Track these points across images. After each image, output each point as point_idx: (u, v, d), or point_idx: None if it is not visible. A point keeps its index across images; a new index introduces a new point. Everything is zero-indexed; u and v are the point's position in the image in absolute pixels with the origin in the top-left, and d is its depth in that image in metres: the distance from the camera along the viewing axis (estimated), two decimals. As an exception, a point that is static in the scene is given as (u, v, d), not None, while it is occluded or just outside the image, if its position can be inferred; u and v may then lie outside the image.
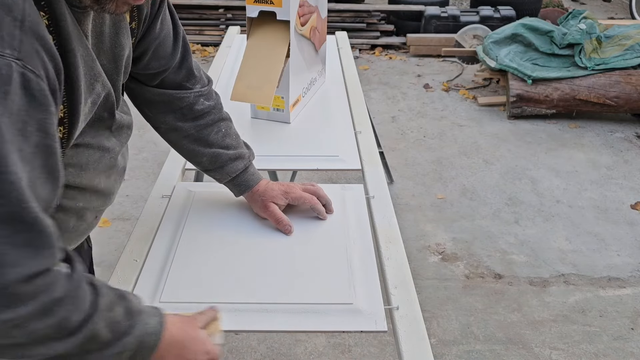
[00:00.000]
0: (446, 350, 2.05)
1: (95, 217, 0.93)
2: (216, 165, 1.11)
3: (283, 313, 0.94)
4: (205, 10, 5.15)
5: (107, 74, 0.84)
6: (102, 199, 0.91)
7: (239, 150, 1.12)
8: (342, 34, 2.31)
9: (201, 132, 1.09)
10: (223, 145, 1.10)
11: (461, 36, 4.76)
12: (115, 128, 0.88)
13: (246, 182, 1.13)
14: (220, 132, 1.10)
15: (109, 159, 0.88)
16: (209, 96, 1.10)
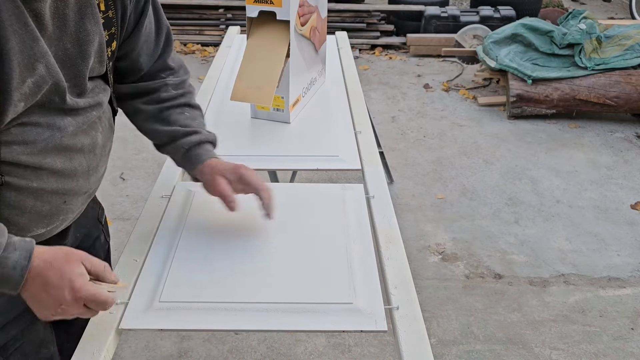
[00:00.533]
0: (446, 350, 2.05)
1: (63, 201, 0.91)
2: (172, 139, 1.09)
3: (283, 313, 0.94)
4: (205, 10, 5.15)
5: (69, 56, 0.85)
6: (62, 180, 0.89)
7: (197, 129, 1.09)
8: (342, 34, 2.31)
9: (164, 112, 1.09)
10: (183, 124, 1.09)
11: (461, 36, 4.76)
12: (70, 109, 0.87)
13: (198, 155, 1.08)
14: (183, 114, 1.10)
15: (61, 138, 0.86)
16: (179, 86, 1.12)
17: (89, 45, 0.87)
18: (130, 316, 0.93)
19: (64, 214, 0.94)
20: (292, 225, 1.16)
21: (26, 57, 0.76)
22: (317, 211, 1.20)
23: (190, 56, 4.91)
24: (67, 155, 0.88)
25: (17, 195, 0.84)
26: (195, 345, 2.05)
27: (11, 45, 0.74)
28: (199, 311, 0.94)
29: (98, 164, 0.97)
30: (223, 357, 2.01)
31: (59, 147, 0.86)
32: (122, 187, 2.99)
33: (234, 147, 1.44)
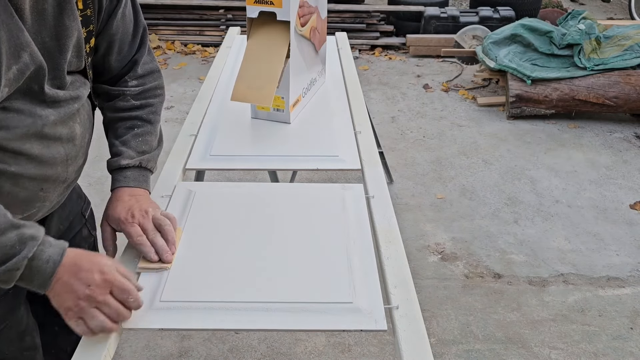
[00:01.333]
0: (446, 349, 2.05)
1: (40, 189, 0.94)
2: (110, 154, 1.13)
3: (283, 312, 0.94)
4: (205, 11, 5.15)
5: (47, 50, 0.89)
6: (40, 167, 0.92)
7: (124, 151, 1.09)
8: (341, 35, 2.31)
9: (115, 123, 1.12)
10: (122, 141, 1.11)
11: (461, 37, 4.77)
12: (51, 101, 0.91)
13: (113, 180, 1.11)
14: (131, 130, 1.11)
15: (41, 125, 0.90)
16: (139, 96, 1.12)
17: (67, 39, 0.91)
18: (132, 316, 0.93)
19: (41, 201, 0.97)
20: (292, 225, 1.16)
21: (13, 45, 0.80)
22: (317, 211, 1.21)
23: (190, 56, 4.91)
24: (46, 143, 0.92)
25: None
26: (195, 345, 2.05)
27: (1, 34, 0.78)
28: (199, 311, 0.94)
29: (77, 154, 1.01)
30: (223, 356, 2.02)
31: (39, 134, 0.90)
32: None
33: (234, 147, 1.44)
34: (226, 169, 1.40)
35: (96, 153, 3.29)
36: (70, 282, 0.84)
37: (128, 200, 1.06)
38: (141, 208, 1.04)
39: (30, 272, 0.83)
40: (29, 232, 0.83)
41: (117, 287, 0.87)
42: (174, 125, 3.65)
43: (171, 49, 5.00)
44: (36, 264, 0.83)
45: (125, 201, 1.06)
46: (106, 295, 0.86)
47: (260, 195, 1.26)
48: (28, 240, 0.82)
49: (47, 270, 0.83)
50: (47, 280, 0.84)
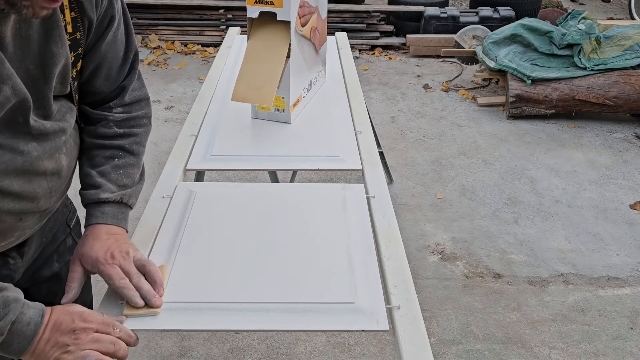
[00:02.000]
0: (446, 349, 2.05)
1: (19, 219, 0.89)
2: (83, 185, 1.03)
3: (284, 313, 0.94)
4: (205, 11, 5.15)
5: (32, 78, 0.83)
6: (19, 202, 0.86)
7: (103, 185, 1.00)
8: (342, 35, 2.32)
9: (93, 150, 1.03)
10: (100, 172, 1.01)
11: (461, 37, 4.77)
12: (37, 133, 0.85)
13: (88, 215, 1.00)
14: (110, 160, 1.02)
15: (22, 162, 0.83)
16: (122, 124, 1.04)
17: (52, 67, 0.85)
18: (132, 316, 0.93)
19: (20, 230, 0.92)
20: (293, 225, 1.16)
21: None
22: (318, 211, 1.21)
23: (190, 56, 4.91)
24: (27, 179, 0.86)
25: None
26: (195, 345, 2.06)
27: None
28: (200, 311, 0.94)
29: (62, 185, 0.95)
30: (223, 356, 2.02)
31: (19, 170, 0.84)
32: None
33: (235, 148, 1.44)
34: (227, 169, 1.40)
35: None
36: (53, 337, 0.82)
37: (106, 239, 0.97)
38: (121, 249, 0.95)
39: (10, 336, 0.79)
40: (12, 295, 0.80)
41: (101, 324, 0.86)
42: (174, 126, 3.65)
43: (171, 49, 5.00)
44: (17, 327, 0.79)
45: (103, 240, 0.96)
46: (93, 334, 0.84)
47: (260, 196, 1.27)
48: (11, 303, 0.79)
49: (27, 333, 0.80)
50: (28, 344, 0.80)
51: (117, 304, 0.96)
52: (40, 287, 1.10)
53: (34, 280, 1.08)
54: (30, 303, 0.83)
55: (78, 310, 0.86)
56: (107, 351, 0.84)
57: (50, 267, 1.11)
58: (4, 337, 0.78)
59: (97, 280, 2.53)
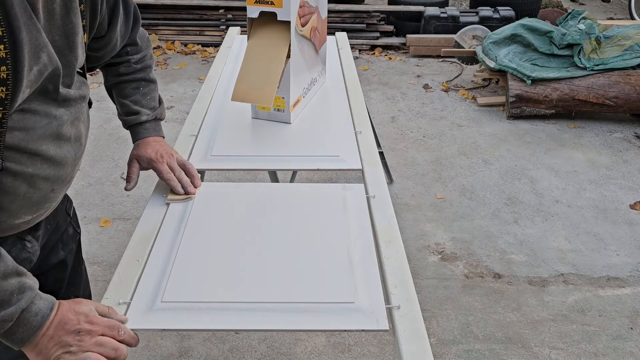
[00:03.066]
0: (446, 349, 2.05)
1: (52, 189, 0.96)
2: (121, 113, 1.27)
3: (285, 312, 0.95)
4: (205, 11, 5.15)
5: (58, 49, 0.90)
6: (53, 167, 0.93)
7: (139, 109, 1.26)
8: (342, 35, 2.32)
9: (120, 85, 1.26)
10: (133, 100, 1.25)
11: (460, 37, 4.77)
12: (62, 100, 0.92)
13: (134, 134, 1.28)
14: (137, 90, 1.26)
15: (57, 126, 0.91)
16: (139, 61, 1.26)
17: (74, 37, 0.93)
18: (133, 316, 0.94)
19: (50, 201, 0.98)
20: (293, 225, 1.17)
21: (33, 46, 0.81)
22: (318, 211, 1.21)
23: (190, 56, 4.91)
24: (59, 144, 0.93)
25: (13, 181, 0.87)
26: (195, 345, 2.06)
27: (23, 36, 0.79)
28: (200, 311, 0.95)
29: (82, 153, 1.04)
30: (223, 356, 2.02)
31: (54, 135, 0.91)
32: (123, 187, 3.00)
33: (235, 147, 1.44)
34: (227, 169, 1.40)
35: (96, 153, 3.30)
36: (57, 335, 0.83)
37: (154, 144, 1.25)
38: (167, 151, 1.25)
39: (16, 324, 0.80)
40: (29, 283, 0.82)
41: (106, 327, 0.87)
42: (174, 126, 3.65)
43: (171, 49, 5.00)
44: (25, 315, 0.81)
45: (152, 145, 1.25)
46: (97, 337, 0.85)
47: (260, 196, 1.27)
48: (27, 290, 0.81)
49: (33, 324, 0.81)
50: (32, 335, 0.81)
51: (117, 304, 0.96)
52: (48, 274, 1.13)
53: (43, 268, 1.11)
54: (42, 294, 0.84)
55: (84, 310, 0.87)
56: (108, 356, 0.85)
57: (56, 254, 1.15)
58: (12, 323, 0.79)
59: (97, 281, 2.53)
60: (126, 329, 0.89)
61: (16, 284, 0.80)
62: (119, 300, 0.96)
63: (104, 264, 2.43)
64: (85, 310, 0.87)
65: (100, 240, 2.58)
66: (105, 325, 0.87)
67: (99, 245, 2.55)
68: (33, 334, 0.81)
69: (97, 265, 2.43)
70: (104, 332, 0.86)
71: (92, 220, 2.72)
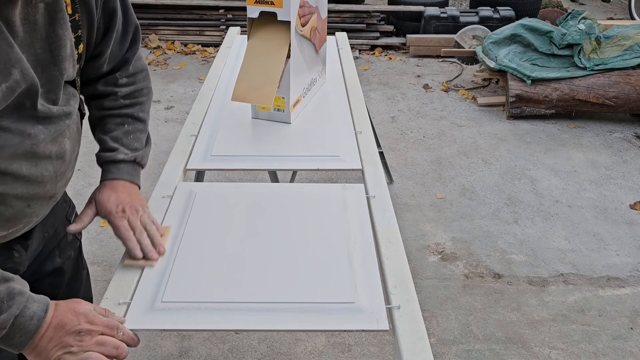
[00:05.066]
0: (446, 349, 2.05)
1: (27, 205, 0.91)
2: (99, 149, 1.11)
3: (285, 312, 0.95)
4: (205, 11, 5.15)
5: (41, 63, 0.85)
6: (27, 186, 0.88)
7: (118, 147, 1.09)
8: (342, 35, 2.32)
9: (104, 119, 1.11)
10: (112, 137, 1.10)
11: (460, 37, 4.77)
12: (42, 117, 0.87)
13: (103, 172, 1.10)
14: (121, 127, 1.10)
15: (30, 145, 0.85)
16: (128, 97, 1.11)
17: (60, 49, 0.87)
18: (133, 316, 0.94)
19: (27, 217, 0.94)
20: (293, 225, 1.17)
21: (2, 62, 0.76)
22: (318, 211, 1.21)
23: (190, 56, 4.91)
24: (34, 162, 0.88)
25: None
26: (195, 345, 2.06)
27: None
28: (200, 311, 0.95)
29: (66, 170, 0.97)
30: (223, 356, 2.02)
31: (27, 154, 0.86)
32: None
33: (235, 148, 1.44)
34: (227, 169, 1.40)
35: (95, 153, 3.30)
36: (56, 335, 0.82)
37: (121, 192, 1.07)
38: (132, 205, 1.06)
39: (12, 330, 0.79)
40: (18, 287, 0.80)
41: (106, 327, 0.86)
42: (174, 126, 3.65)
43: (171, 49, 5.00)
44: (20, 321, 0.79)
45: (119, 192, 1.07)
46: (97, 337, 0.85)
47: (260, 196, 1.27)
48: (17, 296, 0.79)
49: (29, 328, 0.80)
50: (29, 339, 0.81)
51: (117, 305, 0.96)
52: (43, 281, 1.11)
53: (37, 275, 1.09)
54: (35, 296, 0.83)
55: (84, 310, 0.86)
56: (109, 354, 0.85)
57: (52, 261, 1.13)
58: (6, 330, 0.78)
59: (97, 281, 2.53)
60: (125, 329, 0.89)
61: (4, 291, 0.78)
62: (119, 300, 0.96)
63: (104, 264, 2.43)
64: (84, 310, 0.86)
65: (100, 240, 2.58)
66: (105, 325, 0.86)
67: (99, 245, 2.55)
68: (30, 337, 0.81)
69: (97, 265, 2.43)
70: (104, 331, 0.86)
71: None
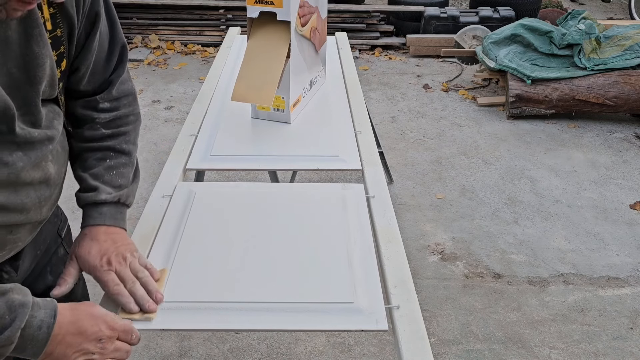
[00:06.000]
0: (445, 349, 2.05)
1: (10, 232, 0.85)
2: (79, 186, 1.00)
3: (284, 312, 0.94)
4: (205, 11, 5.15)
5: (14, 83, 0.78)
6: (7, 214, 0.82)
7: (103, 185, 0.98)
8: (341, 35, 2.32)
9: (83, 154, 1.00)
10: (93, 174, 0.98)
11: (460, 37, 4.77)
12: (22, 142, 0.80)
13: (85, 217, 0.98)
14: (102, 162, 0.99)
15: (8, 174, 0.79)
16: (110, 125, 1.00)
17: (37, 69, 0.80)
18: (132, 316, 0.93)
19: (12, 243, 0.88)
20: (293, 225, 1.17)
21: None
22: (318, 211, 1.21)
23: (190, 56, 4.91)
24: (13, 189, 0.81)
25: None
26: (195, 345, 2.06)
27: None
28: (200, 311, 0.94)
29: (52, 194, 0.90)
30: (223, 356, 2.02)
31: (4, 182, 0.79)
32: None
33: (235, 147, 1.44)
34: (227, 169, 1.40)
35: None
36: (76, 342, 0.80)
37: (104, 241, 0.95)
38: (118, 253, 0.94)
39: (22, 342, 0.76)
40: (18, 299, 0.75)
41: (123, 331, 0.86)
42: (174, 126, 3.65)
43: (171, 49, 5.00)
44: (28, 332, 0.76)
45: (101, 242, 0.95)
46: (115, 343, 0.84)
47: (260, 195, 1.27)
48: (18, 309, 0.75)
49: (40, 337, 0.77)
50: (42, 348, 0.77)
51: (116, 304, 0.96)
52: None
53: None
54: (40, 302, 0.78)
55: (100, 313, 0.84)
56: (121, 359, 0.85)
57: (44, 280, 1.06)
58: (14, 344, 0.75)
59: (97, 280, 2.50)
60: (137, 332, 0.89)
61: (3, 305, 0.74)
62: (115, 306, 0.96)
63: (103, 264, 2.43)
64: (102, 314, 0.84)
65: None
66: (121, 330, 0.85)
67: (99, 245, 2.55)
68: (43, 346, 0.78)
69: (97, 265, 2.42)
70: (121, 336, 0.85)
71: (92, 220, 2.72)
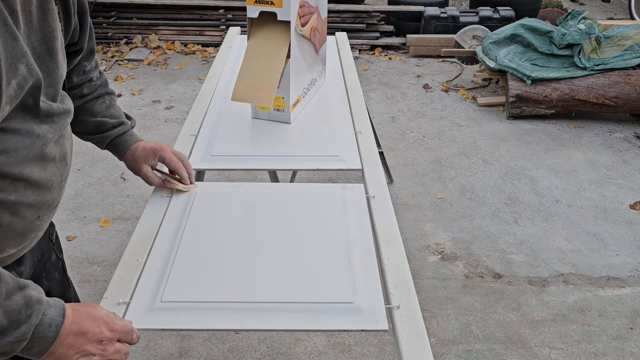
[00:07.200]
0: (445, 349, 2.05)
1: (37, 216, 0.88)
2: (101, 131, 1.19)
3: (284, 312, 0.95)
4: (205, 11, 5.15)
5: (38, 56, 0.81)
6: (38, 192, 0.85)
7: (120, 120, 1.21)
8: (341, 35, 2.32)
9: (88, 104, 1.16)
10: (107, 115, 1.19)
11: (460, 37, 4.77)
12: (45, 115, 0.83)
13: (124, 142, 1.21)
14: (104, 104, 1.19)
15: (40, 146, 0.82)
16: (95, 77, 1.17)
17: (54, 41, 0.84)
18: (132, 316, 0.94)
19: (36, 230, 0.91)
20: (293, 225, 1.17)
21: (9, 57, 0.72)
22: (318, 211, 1.21)
23: (190, 56, 4.91)
24: (43, 165, 0.85)
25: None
26: (195, 345, 2.06)
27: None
28: (200, 311, 0.95)
29: (68, 174, 0.96)
30: (223, 356, 2.02)
31: (38, 156, 0.83)
32: (123, 187, 3.00)
33: (235, 148, 1.44)
34: (227, 169, 1.40)
35: (96, 153, 3.30)
36: (77, 342, 0.80)
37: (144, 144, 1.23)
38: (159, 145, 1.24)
39: (32, 339, 0.76)
40: (35, 295, 0.76)
41: (123, 332, 0.86)
42: (174, 126, 3.65)
43: (171, 49, 5.00)
44: (39, 330, 0.76)
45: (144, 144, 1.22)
46: (115, 344, 0.85)
47: (260, 195, 1.27)
48: (34, 304, 0.75)
49: (49, 335, 0.77)
50: (48, 346, 0.77)
51: (117, 304, 0.96)
52: None
53: None
54: (50, 301, 0.79)
55: (101, 314, 0.84)
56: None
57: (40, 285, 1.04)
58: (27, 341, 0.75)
59: (97, 281, 2.52)
60: (137, 332, 0.89)
61: (21, 300, 0.74)
62: (118, 300, 0.96)
63: (104, 264, 2.43)
64: (103, 315, 0.84)
65: (100, 240, 2.58)
66: (122, 331, 0.86)
67: (99, 245, 2.55)
68: (50, 345, 0.77)
69: (97, 265, 2.43)
70: (120, 337, 0.86)
71: (92, 220, 2.72)
